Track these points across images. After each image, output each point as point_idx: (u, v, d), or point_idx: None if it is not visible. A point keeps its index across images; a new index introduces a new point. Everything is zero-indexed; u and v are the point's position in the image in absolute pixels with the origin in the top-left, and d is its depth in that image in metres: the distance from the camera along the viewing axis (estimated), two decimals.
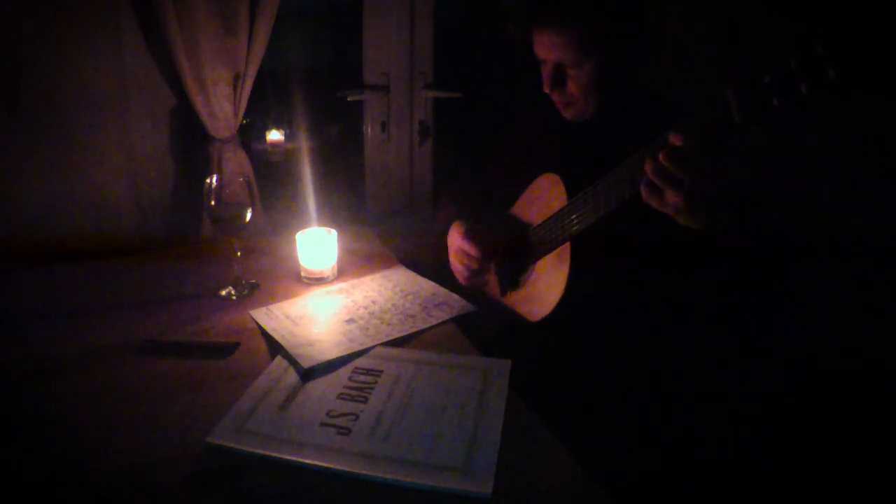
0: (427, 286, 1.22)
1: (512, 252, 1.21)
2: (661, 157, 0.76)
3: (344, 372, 0.92)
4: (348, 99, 1.92)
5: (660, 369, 1.08)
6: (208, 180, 1.12)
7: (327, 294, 1.20)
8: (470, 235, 1.16)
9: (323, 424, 0.79)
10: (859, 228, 1.34)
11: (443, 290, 1.20)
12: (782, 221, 0.91)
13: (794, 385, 1.44)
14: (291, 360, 0.94)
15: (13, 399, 0.86)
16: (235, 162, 1.61)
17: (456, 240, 1.19)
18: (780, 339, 1.29)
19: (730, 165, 0.84)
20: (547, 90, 1.07)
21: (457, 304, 1.14)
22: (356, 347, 0.98)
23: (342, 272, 1.29)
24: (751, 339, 1.05)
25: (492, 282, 1.26)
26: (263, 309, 1.11)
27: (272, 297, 1.17)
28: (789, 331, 1.34)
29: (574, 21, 0.99)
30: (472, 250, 1.15)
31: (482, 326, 1.14)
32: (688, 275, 0.92)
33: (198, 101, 1.51)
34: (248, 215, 1.15)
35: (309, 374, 0.91)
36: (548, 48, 1.03)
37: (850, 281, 1.34)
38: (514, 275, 1.21)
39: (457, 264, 1.22)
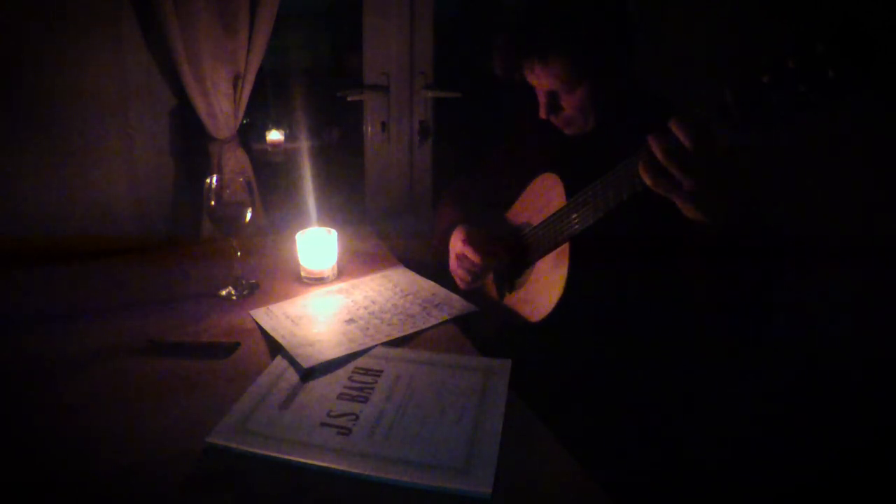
0: (427, 286, 1.22)
1: (512, 254, 1.21)
2: (671, 135, 0.74)
3: (344, 372, 0.92)
4: (348, 99, 1.92)
5: (659, 369, 1.08)
6: (208, 180, 1.12)
7: (327, 294, 1.20)
8: (471, 240, 1.16)
9: (323, 424, 0.79)
10: (859, 228, 1.34)
11: (443, 290, 1.20)
12: (777, 222, 0.92)
13: (794, 385, 1.44)
14: (291, 360, 0.94)
15: (13, 399, 0.86)
16: (235, 162, 1.61)
17: (457, 244, 1.19)
18: (780, 339, 1.29)
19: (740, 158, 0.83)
20: (543, 117, 1.08)
21: (457, 304, 1.14)
22: (356, 347, 0.98)
23: (342, 272, 1.29)
24: (750, 339, 1.05)
25: (490, 280, 1.26)
26: (263, 309, 1.11)
27: (272, 297, 1.17)
28: (789, 331, 1.34)
29: (559, 55, 0.98)
30: (473, 256, 1.15)
31: (482, 326, 1.13)
32: (687, 275, 0.92)
33: (198, 101, 1.51)
34: (248, 215, 1.15)
35: (309, 374, 0.91)
36: (537, 80, 1.04)
37: (850, 281, 1.34)
38: (513, 276, 1.21)
39: (457, 269, 1.22)
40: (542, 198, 1.14)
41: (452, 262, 1.23)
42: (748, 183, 0.80)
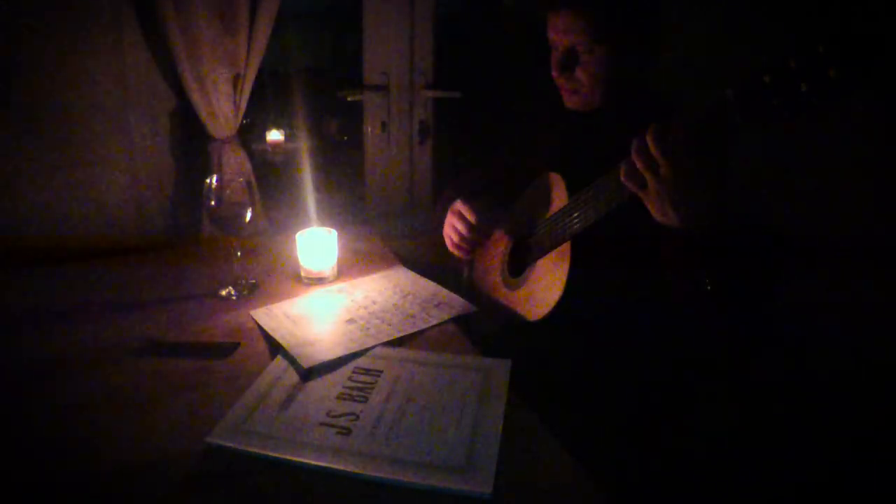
0: (427, 286, 1.22)
1: (513, 251, 1.21)
2: (647, 136, 0.78)
3: (344, 372, 0.92)
4: (348, 99, 1.93)
5: (659, 369, 1.08)
6: (208, 180, 1.12)
7: (327, 294, 1.20)
8: (468, 201, 1.18)
9: (323, 424, 0.79)
10: (859, 228, 1.34)
11: (443, 290, 1.20)
12: (776, 227, 0.92)
13: (794, 385, 1.44)
14: (291, 360, 0.94)
15: (13, 399, 0.86)
16: (235, 162, 1.61)
17: (455, 204, 1.20)
18: (780, 340, 1.29)
19: (725, 169, 0.84)
20: (555, 74, 1.07)
21: (457, 304, 1.14)
22: (356, 347, 0.98)
23: (342, 272, 1.28)
24: (750, 339, 1.05)
25: (491, 279, 1.26)
26: (263, 309, 1.11)
27: (272, 297, 1.17)
28: (789, 331, 1.34)
29: (592, 5, 0.99)
30: (468, 213, 1.16)
31: (482, 326, 1.13)
32: (694, 276, 0.92)
33: (198, 101, 1.51)
34: (248, 215, 1.15)
35: (309, 374, 0.90)
36: (562, 31, 1.03)
37: (850, 281, 1.34)
38: (514, 274, 1.21)
39: (449, 230, 1.23)
40: (545, 196, 1.14)
41: (446, 224, 1.24)
42: (721, 190, 0.81)
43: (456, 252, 1.25)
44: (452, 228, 1.21)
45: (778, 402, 1.45)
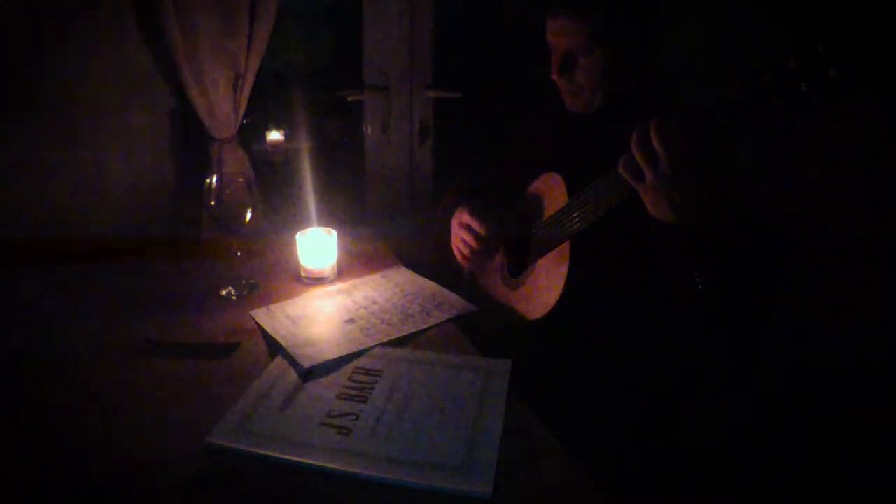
0: (427, 286, 1.22)
1: (513, 251, 1.21)
2: (649, 128, 0.79)
3: (344, 372, 0.92)
4: (348, 99, 1.93)
5: (659, 369, 1.08)
6: (208, 180, 1.12)
7: (327, 294, 1.20)
8: (476, 212, 1.16)
9: (323, 424, 0.79)
10: (859, 228, 1.33)
11: (443, 290, 1.19)
12: (777, 232, 0.92)
13: (794, 385, 1.44)
14: (291, 361, 0.94)
15: (13, 399, 0.86)
16: (235, 162, 1.61)
17: (462, 216, 1.18)
18: (780, 340, 1.29)
19: (723, 167, 0.84)
20: (555, 76, 1.07)
21: (457, 304, 1.14)
22: (356, 347, 0.98)
23: (342, 272, 1.28)
24: (750, 340, 1.05)
25: (490, 279, 1.26)
26: (263, 309, 1.11)
27: (272, 297, 1.17)
28: (788, 331, 1.34)
29: (590, 10, 0.99)
30: (477, 226, 1.15)
31: (482, 326, 1.13)
32: (688, 275, 0.92)
33: (198, 102, 1.51)
34: (248, 215, 1.15)
35: (309, 374, 0.91)
36: (561, 35, 1.03)
37: (850, 281, 1.34)
38: (514, 273, 1.21)
39: (458, 242, 1.21)
40: (545, 196, 1.14)
41: (453, 237, 1.22)
42: (718, 189, 0.81)
43: (466, 264, 1.24)
44: (462, 242, 1.20)
45: (777, 402, 1.45)
